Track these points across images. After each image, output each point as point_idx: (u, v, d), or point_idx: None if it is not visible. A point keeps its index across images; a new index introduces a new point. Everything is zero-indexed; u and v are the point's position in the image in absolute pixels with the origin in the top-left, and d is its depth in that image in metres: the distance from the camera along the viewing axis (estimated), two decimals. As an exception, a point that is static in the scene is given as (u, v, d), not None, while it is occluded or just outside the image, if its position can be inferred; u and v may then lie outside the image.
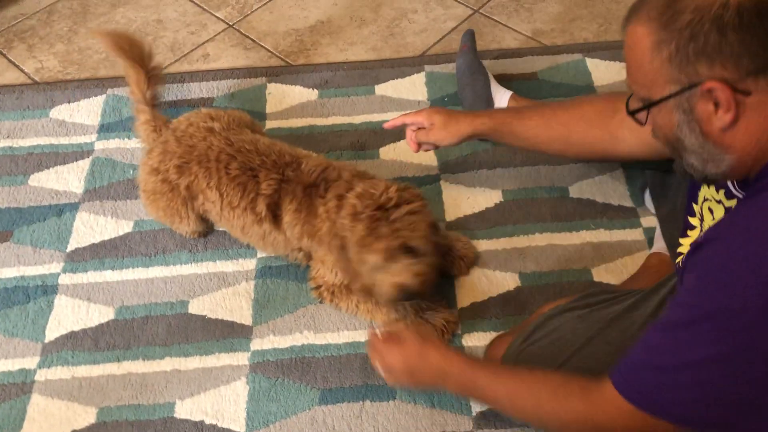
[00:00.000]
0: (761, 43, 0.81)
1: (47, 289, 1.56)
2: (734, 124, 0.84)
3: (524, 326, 1.22)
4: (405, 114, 1.53)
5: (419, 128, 1.50)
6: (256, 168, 1.46)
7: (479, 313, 1.48)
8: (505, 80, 1.96)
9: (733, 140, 0.86)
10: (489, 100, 1.80)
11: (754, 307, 0.78)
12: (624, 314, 1.18)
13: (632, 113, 0.95)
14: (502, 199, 1.69)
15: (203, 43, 2.18)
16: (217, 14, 2.28)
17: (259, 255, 1.60)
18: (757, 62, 0.81)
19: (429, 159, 1.78)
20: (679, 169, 0.96)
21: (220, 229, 1.64)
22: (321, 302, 1.51)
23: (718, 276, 0.82)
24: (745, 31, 0.80)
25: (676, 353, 0.84)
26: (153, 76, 1.63)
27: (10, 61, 2.14)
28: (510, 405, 1.08)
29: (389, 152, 1.81)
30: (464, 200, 1.69)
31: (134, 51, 1.61)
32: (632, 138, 1.27)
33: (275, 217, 1.46)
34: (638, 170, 1.64)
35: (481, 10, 2.23)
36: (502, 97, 1.79)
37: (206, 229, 1.62)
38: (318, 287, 1.50)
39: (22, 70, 2.11)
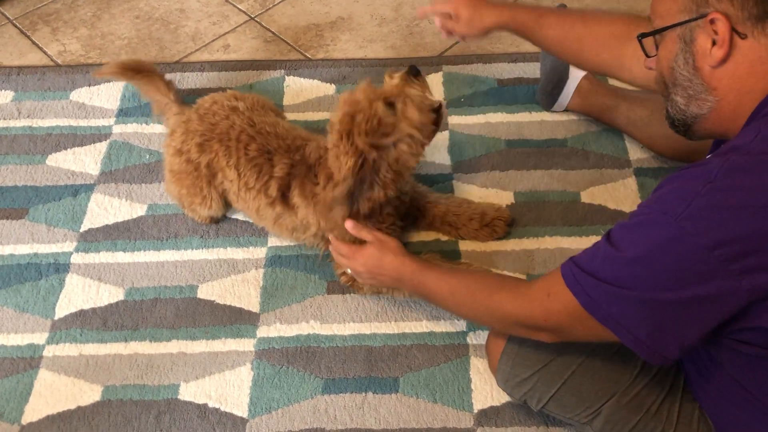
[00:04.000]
0: None
1: (59, 267, 1.58)
2: (723, 63, 0.89)
3: None
4: (435, 2, 1.49)
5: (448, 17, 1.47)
6: (272, 151, 1.48)
7: (485, 312, 1.49)
8: (522, 84, 1.97)
9: (719, 82, 0.90)
10: (565, 73, 1.82)
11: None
12: None
13: (641, 37, 1.01)
14: (514, 201, 1.69)
15: (224, 34, 2.20)
16: (239, 6, 2.30)
17: (269, 244, 1.61)
18: (761, 8, 0.86)
19: (442, 158, 1.79)
20: (669, 121, 1.02)
21: (233, 216, 1.66)
22: (351, 288, 1.51)
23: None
24: None
25: (624, 275, 0.88)
26: (168, 81, 1.69)
27: (33, 42, 2.17)
28: (452, 300, 1.20)
29: (403, 149, 1.82)
30: (476, 200, 1.69)
31: (143, 66, 1.67)
32: (637, 69, 1.28)
33: (285, 199, 1.47)
34: (651, 177, 1.63)
35: (501, 14, 2.24)
36: (577, 73, 1.82)
37: (224, 213, 1.64)
38: (345, 272, 1.50)
39: (45, 53, 2.14)
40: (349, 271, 1.42)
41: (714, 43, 0.88)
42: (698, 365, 1.07)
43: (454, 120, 1.88)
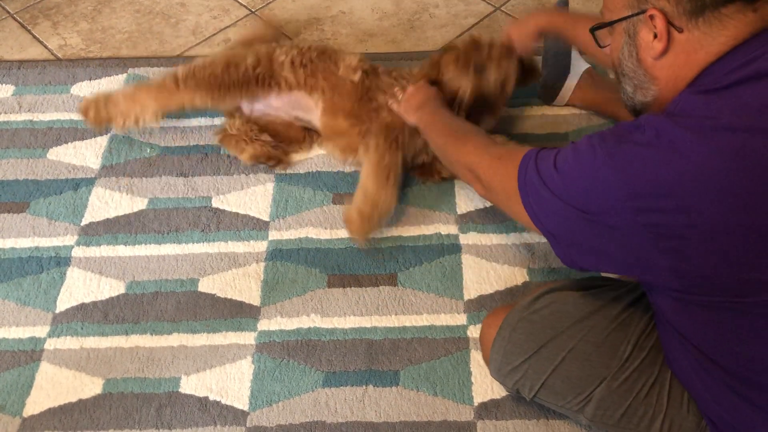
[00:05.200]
0: None
1: (60, 260, 1.58)
2: (663, 55, 0.97)
3: (524, 298, 1.24)
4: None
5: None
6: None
7: (485, 306, 1.49)
8: (523, 78, 1.96)
9: (660, 72, 0.99)
10: (567, 67, 1.83)
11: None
12: (627, 294, 1.20)
13: (593, 30, 1.09)
14: (515, 195, 1.69)
15: (225, 28, 2.19)
16: (240, 0, 2.29)
17: (270, 237, 1.62)
18: (693, 5, 0.92)
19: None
20: (623, 104, 1.11)
21: (233, 210, 1.66)
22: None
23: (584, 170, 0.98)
24: None
25: (559, 191, 1.00)
26: None
27: (34, 36, 2.17)
28: (441, 134, 1.41)
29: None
30: (476, 194, 1.68)
31: None
32: None
33: None
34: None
35: (502, 8, 2.24)
36: (579, 68, 1.82)
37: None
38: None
39: (45, 46, 2.14)
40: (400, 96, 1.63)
41: (655, 36, 0.96)
42: (658, 323, 1.11)
43: (454, 114, 1.88)
